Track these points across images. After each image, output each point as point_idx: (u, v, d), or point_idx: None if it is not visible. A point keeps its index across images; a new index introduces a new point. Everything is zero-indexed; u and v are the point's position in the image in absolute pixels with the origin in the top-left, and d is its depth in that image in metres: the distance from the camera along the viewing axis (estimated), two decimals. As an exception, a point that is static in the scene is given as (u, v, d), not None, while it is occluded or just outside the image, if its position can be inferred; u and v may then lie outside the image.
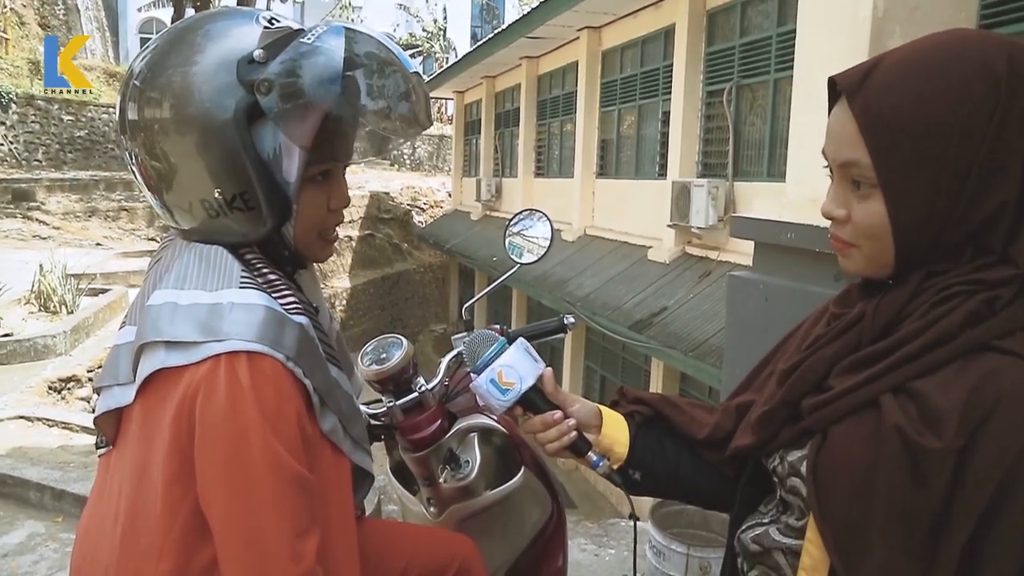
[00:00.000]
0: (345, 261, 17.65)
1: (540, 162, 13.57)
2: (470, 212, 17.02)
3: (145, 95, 0.94)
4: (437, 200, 21.92)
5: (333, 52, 0.92)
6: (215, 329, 0.89)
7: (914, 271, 0.83)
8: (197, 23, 0.98)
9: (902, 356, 0.80)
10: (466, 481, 1.56)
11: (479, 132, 17.01)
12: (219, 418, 0.88)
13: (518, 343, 1.11)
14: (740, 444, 0.97)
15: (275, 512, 0.89)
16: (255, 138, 0.92)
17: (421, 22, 29.88)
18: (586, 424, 1.10)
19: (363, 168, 24.56)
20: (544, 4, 10.52)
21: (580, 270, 10.09)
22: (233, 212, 0.96)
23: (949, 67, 0.79)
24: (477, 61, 14.52)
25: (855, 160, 0.82)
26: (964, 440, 0.73)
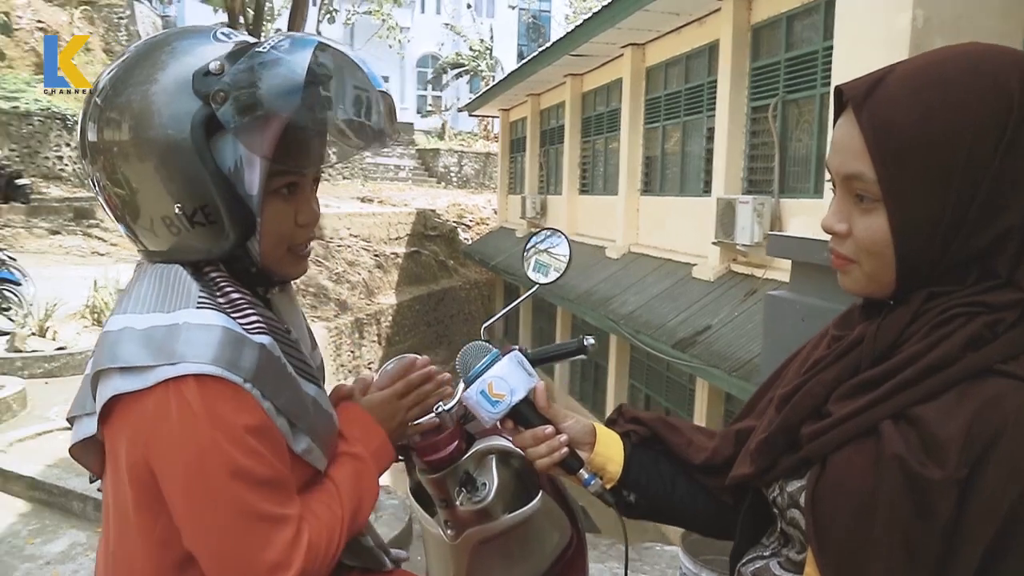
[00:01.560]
0: (391, 278, 17.84)
1: (585, 179, 13.55)
2: (515, 229, 17.06)
3: (105, 114, 0.92)
4: (483, 217, 22.05)
5: (290, 61, 0.90)
6: (168, 352, 0.87)
7: (916, 291, 0.80)
8: (166, 39, 0.97)
9: (902, 381, 0.76)
10: (483, 504, 1.53)
11: (524, 150, 17.07)
12: (175, 447, 0.87)
13: (511, 355, 1.09)
14: (739, 473, 0.94)
15: (247, 533, 0.88)
16: (216, 151, 0.91)
17: (468, 41, 30.23)
18: (579, 441, 1.07)
19: (410, 185, 24.90)
20: (588, 22, 10.55)
21: (624, 287, 10.01)
22: (194, 227, 0.93)
23: (960, 82, 0.76)
24: (522, 79, 14.61)
25: (859, 173, 0.79)
26: (967, 470, 0.70)
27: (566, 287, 11.86)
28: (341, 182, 23.70)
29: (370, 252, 17.80)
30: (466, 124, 30.84)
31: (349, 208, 18.84)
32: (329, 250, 16.73)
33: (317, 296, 15.31)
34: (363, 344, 15.47)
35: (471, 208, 22.40)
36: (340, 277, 16.40)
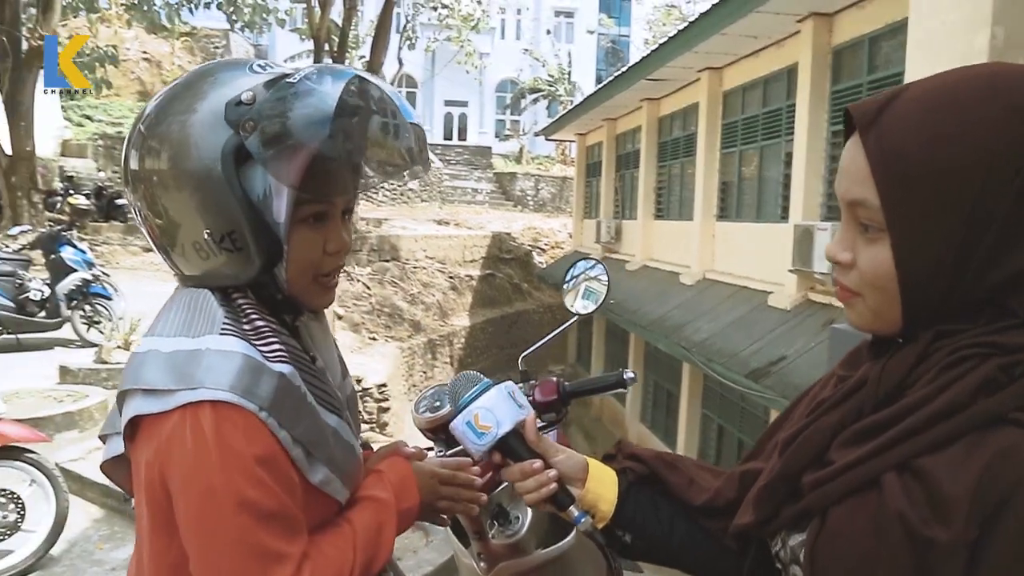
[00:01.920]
0: (465, 300, 17.99)
1: (660, 204, 13.39)
2: (590, 253, 16.98)
3: (147, 142, 0.95)
4: (558, 241, 22.05)
5: (320, 92, 0.90)
6: (189, 377, 0.89)
7: (924, 329, 0.73)
8: (210, 70, 0.99)
9: (907, 428, 0.70)
10: (516, 538, 1.50)
11: (600, 174, 17.02)
12: (187, 473, 0.87)
13: (500, 387, 1.06)
14: (740, 523, 0.87)
15: (244, 566, 0.87)
16: (245, 178, 0.92)
17: (546, 66, 30.48)
18: (570, 477, 1.03)
19: (487, 208, 25.16)
20: (664, 46, 10.48)
21: (698, 314, 9.80)
22: (222, 253, 0.94)
23: (974, 106, 0.69)
24: (598, 104, 14.60)
25: (863, 199, 0.74)
26: (977, 531, 0.63)
27: (639, 313, 11.71)
28: (419, 205, 24.16)
29: (445, 274, 18.01)
30: (544, 148, 31.02)
31: (425, 231, 19.15)
32: (405, 271, 17.02)
33: (392, 316, 15.57)
34: (435, 365, 15.61)
35: (546, 232, 22.44)
36: (415, 298, 16.63)
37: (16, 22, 11.71)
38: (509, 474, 1.03)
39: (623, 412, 14.23)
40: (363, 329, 14.67)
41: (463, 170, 28.64)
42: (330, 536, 0.98)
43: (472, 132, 34.23)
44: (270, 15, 18.22)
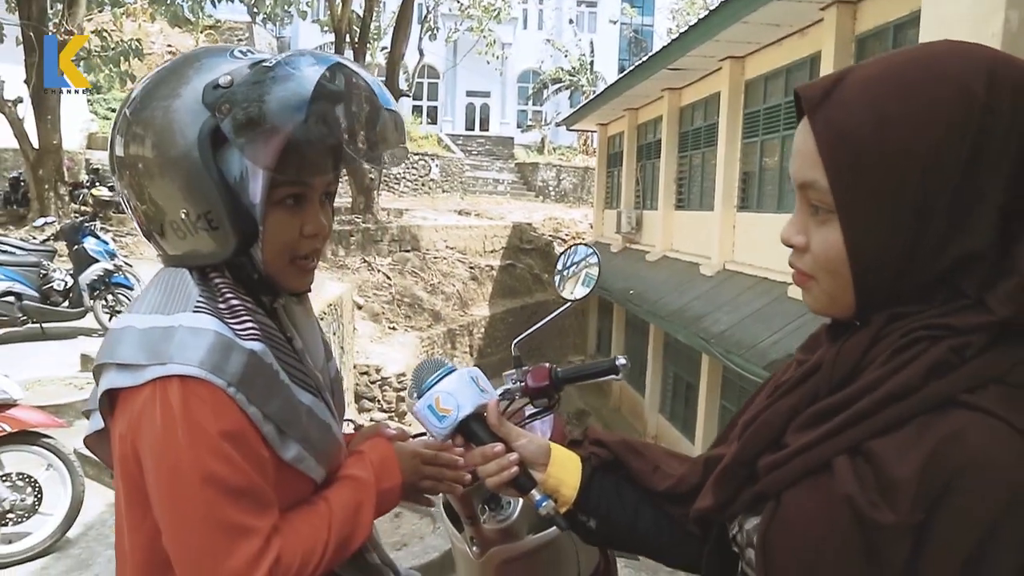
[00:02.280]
0: (485, 290, 18.03)
1: (681, 194, 13.30)
2: (610, 244, 16.92)
3: (131, 128, 0.97)
4: (579, 231, 21.99)
5: (294, 76, 0.92)
6: (160, 352, 0.91)
7: (879, 312, 0.72)
8: (195, 56, 1.01)
9: (858, 411, 0.69)
10: (507, 523, 1.51)
11: (621, 164, 16.94)
12: (155, 447, 0.89)
13: (462, 372, 1.08)
14: (700, 506, 0.87)
15: (210, 540, 0.89)
16: (222, 160, 0.94)
17: (568, 56, 30.34)
18: (532, 461, 1.03)
19: (508, 199, 25.15)
20: (685, 35, 10.39)
21: (717, 306, 9.74)
22: (199, 232, 0.96)
23: (919, 86, 0.68)
24: (619, 93, 14.52)
25: (813, 181, 0.73)
26: (923, 514, 0.63)
27: (659, 304, 11.67)
28: (440, 195, 24.21)
29: (465, 264, 18.06)
30: (566, 138, 30.92)
31: (446, 221, 19.20)
32: (425, 261, 17.09)
33: (412, 306, 15.65)
34: (455, 355, 15.68)
35: (567, 222, 22.38)
36: (435, 288, 16.70)
37: (43, 17, 11.86)
38: (471, 458, 1.04)
39: (642, 403, 14.19)
40: (383, 319, 14.76)
41: (485, 160, 28.65)
42: (304, 513, 0.99)
43: (494, 122, 34.18)
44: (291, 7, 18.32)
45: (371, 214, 17.14)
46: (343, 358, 10.41)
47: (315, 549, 0.97)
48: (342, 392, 1.24)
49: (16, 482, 3.22)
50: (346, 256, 15.47)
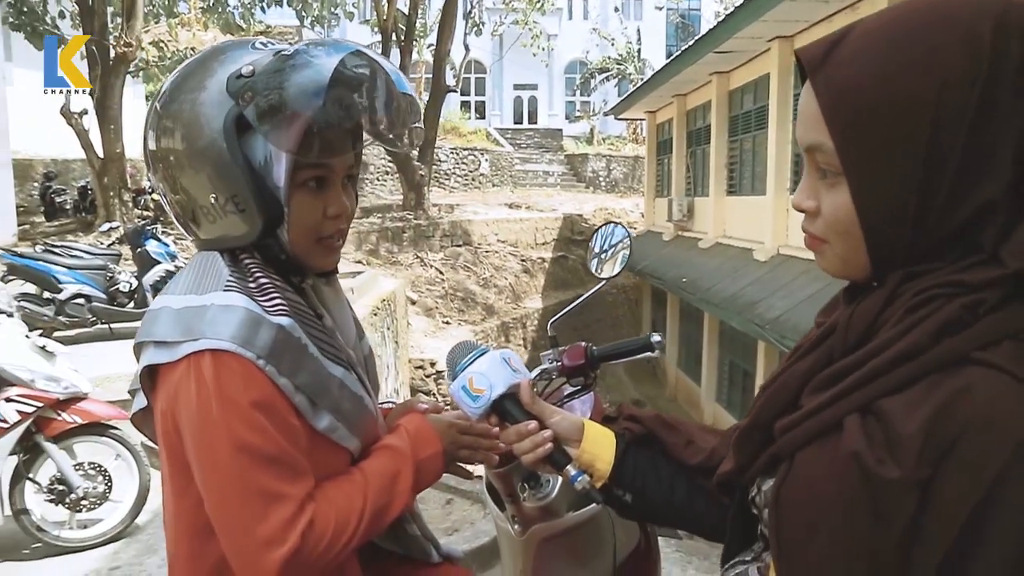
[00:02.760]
0: (537, 282, 18.04)
1: (732, 180, 13.08)
2: (662, 232, 16.76)
3: (161, 121, 1.04)
4: (630, 221, 21.80)
5: (312, 64, 0.97)
6: (193, 329, 0.96)
7: (893, 272, 0.72)
8: (221, 49, 1.07)
9: (870, 371, 0.69)
10: (546, 501, 1.53)
11: (671, 151, 16.74)
12: (191, 417, 0.95)
13: (494, 352, 1.10)
14: (722, 470, 0.88)
15: (244, 506, 0.94)
16: (247, 146, 0.99)
17: (615, 45, 30.05)
18: (566, 438, 1.04)
19: (558, 191, 25.08)
20: (731, 16, 10.21)
21: (771, 291, 9.57)
22: (227, 215, 1.01)
23: (923, 33, 0.67)
24: (667, 79, 14.34)
25: (818, 144, 0.72)
26: (929, 469, 0.62)
27: (712, 291, 11.51)
28: (491, 189, 24.28)
29: (517, 257, 18.09)
30: (615, 128, 30.65)
31: (497, 215, 19.25)
32: (477, 255, 17.18)
33: (465, 300, 15.77)
34: (509, 348, 15.73)
35: (618, 212, 22.22)
36: (487, 282, 16.79)
37: (104, 32, 12.31)
38: (505, 436, 1.06)
39: (698, 392, 14.04)
40: (436, 313, 14.92)
41: (534, 153, 28.60)
42: (339, 482, 1.04)
43: (542, 115, 34.09)
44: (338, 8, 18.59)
45: (422, 210, 17.31)
46: (397, 352, 10.56)
47: (350, 517, 1.01)
48: (375, 369, 1.28)
49: (88, 471, 3.39)
50: (399, 252, 15.67)
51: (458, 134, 25.81)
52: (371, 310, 9.25)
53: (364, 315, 8.81)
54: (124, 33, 11.93)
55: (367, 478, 1.06)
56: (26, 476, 3.26)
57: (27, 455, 3.27)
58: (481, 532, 3.06)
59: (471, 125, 28.61)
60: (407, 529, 1.26)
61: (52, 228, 13.06)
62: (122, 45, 11.72)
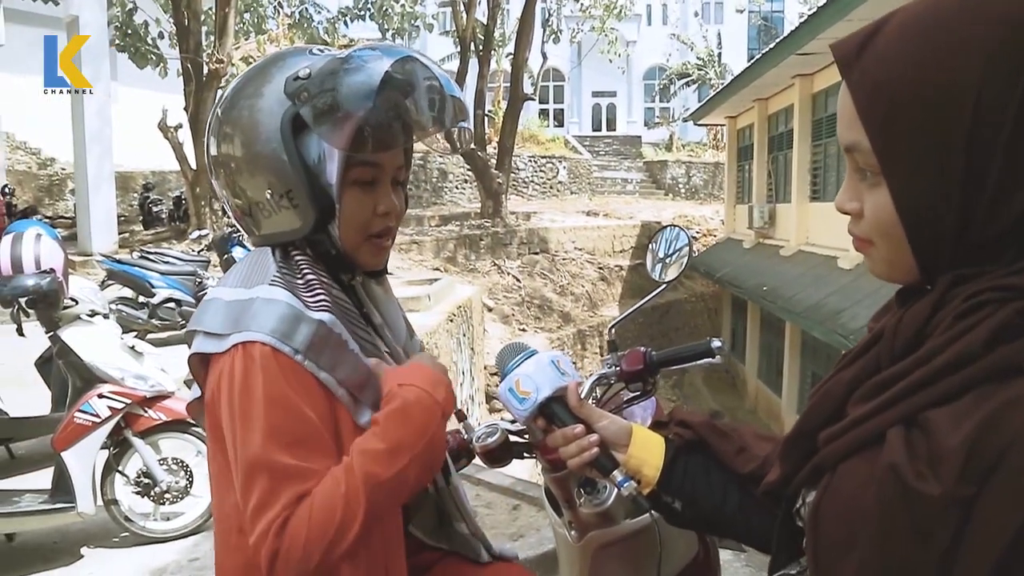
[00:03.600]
0: (615, 290, 17.91)
1: (815, 185, 12.69)
2: (743, 240, 16.40)
3: (222, 127, 1.09)
4: (710, 228, 21.43)
5: (368, 67, 1.01)
6: (239, 322, 1.00)
7: (943, 275, 0.68)
8: (281, 55, 1.12)
9: (916, 381, 0.65)
10: (603, 507, 1.51)
11: (751, 157, 16.38)
12: (230, 401, 0.98)
13: (542, 354, 1.10)
14: (768, 480, 0.85)
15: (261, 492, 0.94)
16: (302, 145, 1.04)
17: (694, 50, 29.62)
18: (614, 443, 1.03)
19: (636, 198, 24.87)
20: (814, 17, 9.95)
21: (855, 300, 9.22)
22: (281, 210, 1.06)
23: (958, 24, 0.63)
24: (747, 84, 14.07)
25: (856, 143, 0.69)
26: (973, 487, 0.58)
27: (793, 300, 11.19)
28: (568, 197, 24.28)
29: (594, 265, 18.02)
30: (695, 134, 30.20)
31: (574, 222, 19.24)
32: (554, 263, 17.19)
33: (541, 308, 15.79)
34: (585, 356, 15.66)
35: (698, 219, 21.86)
36: (564, 290, 16.77)
37: (199, 50, 12.97)
38: (552, 439, 1.05)
39: (779, 404, 13.64)
40: (513, 321, 14.98)
41: (612, 160, 28.47)
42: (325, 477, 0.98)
43: (621, 122, 33.90)
44: (418, 20, 18.99)
45: (500, 218, 17.45)
46: (473, 359, 10.64)
47: (332, 505, 0.95)
48: None
49: (171, 465, 3.54)
50: (476, 260, 15.83)
51: (536, 142, 25.91)
52: (447, 316, 9.36)
53: (440, 321, 8.93)
54: (216, 50, 12.52)
55: (349, 460, 0.98)
56: (116, 469, 3.43)
57: (117, 449, 3.44)
58: (546, 539, 3.04)
59: (549, 133, 28.68)
60: (456, 528, 1.27)
61: (149, 236, 13.80)
62: (214, 62, 12.30)
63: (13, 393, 4.40)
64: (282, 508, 0.94)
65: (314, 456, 0.97)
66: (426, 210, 19.28)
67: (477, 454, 1.46)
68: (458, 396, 9.15)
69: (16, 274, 3.25)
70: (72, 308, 3.37)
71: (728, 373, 17.06)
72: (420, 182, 21.09)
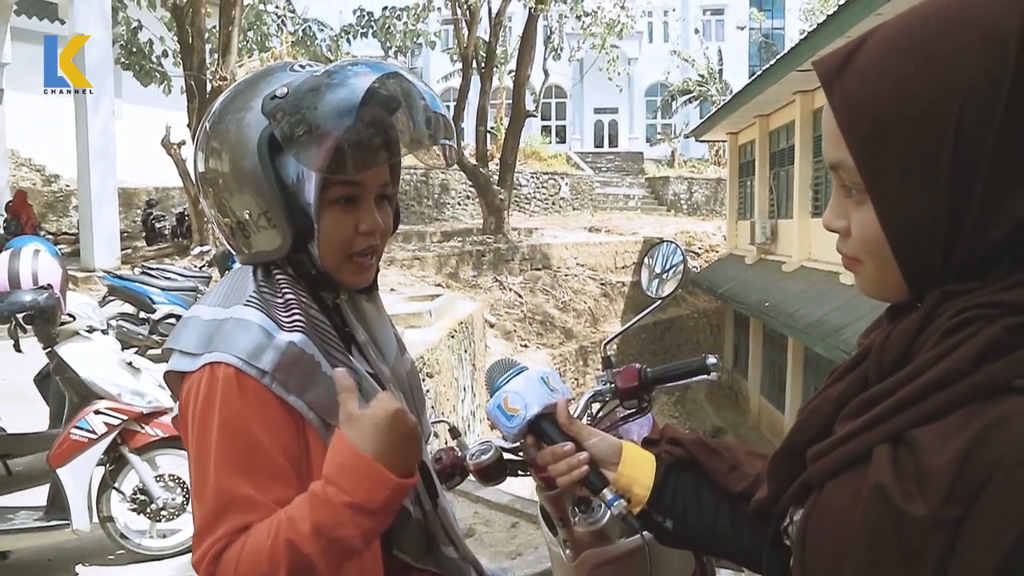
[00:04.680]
0: (617, 306, 17.88)
1: (817, 201, 12.70)
2: (744, 256, 16.40)
3: (209, 143, 1.08)
4: (712, 244, 21.43)
5: (343, 84, 0.99)
6: (211, 342, 0.99)
7: (932, 292, 0.67)
8: (267, 71, 1.11)
9: (903, 398, 0.64)
10: (598, 526, 1.50)
11: (753, 173, 16.42)
12: (194, 420, 0.98)
13: (531, 371, 1.08)
14: (756, 498, 0.84)
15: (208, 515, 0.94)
16: (281, 165, 1.02)
17: (695, 67, 29.75)
18: (604, 460, 1.01)
19: (639, 214, 24.90)
20: (813, 34, 10.01)
21: (858, 316, 9.19)
22: (260, 231, 1.04)
23: (941, 36, 0.62)
24: (748, 100, 14.12)
25: (839, 161, 0.68)
26: (960, 508, 0.57)
27: (795, 316, 11.15)
28: (571, 213, 24.31)
29: (596, 281, 18.01)
30: (696, 151, 30.27)
31: (576, 238, 19.25)
32: (556, 279, 17.19)
33: (543, 324, 15.76)
34: (587, 372, 15.62)
35: (700, 235, 21.87)
36: (566, 306, 16.75)
37: (202, 67, 13.06)
38: (541, 457, 1.03)
39: (782, 420, 13.57)
40: (515, 337, 14.95)
41: (614, 177, 28.54)
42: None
43: (623, 138, 34.00)
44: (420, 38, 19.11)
45: (502, 234, 17.46)
46: (474, 375, 10.62)
47: (260, 552, 0.91)
48: (420, 386, 1.28)
49: (168, 482, 3.52)
50: (478, 276, 15.82)
51: (538, 158, 25.99)
52: (449, 332, 9.34)
53: (441, 337, 8.91)
54: (220, 68, 12.59)
55: (280, 517, 0.94)
56: (112, 485, 3.41)
57: (113, 465, 3.42)
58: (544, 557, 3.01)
59: (551, 149, 28.79)
60: (444, 552, 1.23)
61: (151, 252, 13.81)
62: (218, 79, 12.36)
63: (13, 409, 4.40)
64: (222, 535, 0.92)
65: (265, 485, 0.95)
66: (428, 226, 19.30)
67: (471, 472, 1.45)
68: (458, 413, 9.00)
69: (13, 290, 3.25)
70: (70, 324, 3.37)
71: (731, 389, 17.00)
72: (422, 198, 21.14)
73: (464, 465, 1.45)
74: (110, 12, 12.95)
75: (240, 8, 13.19)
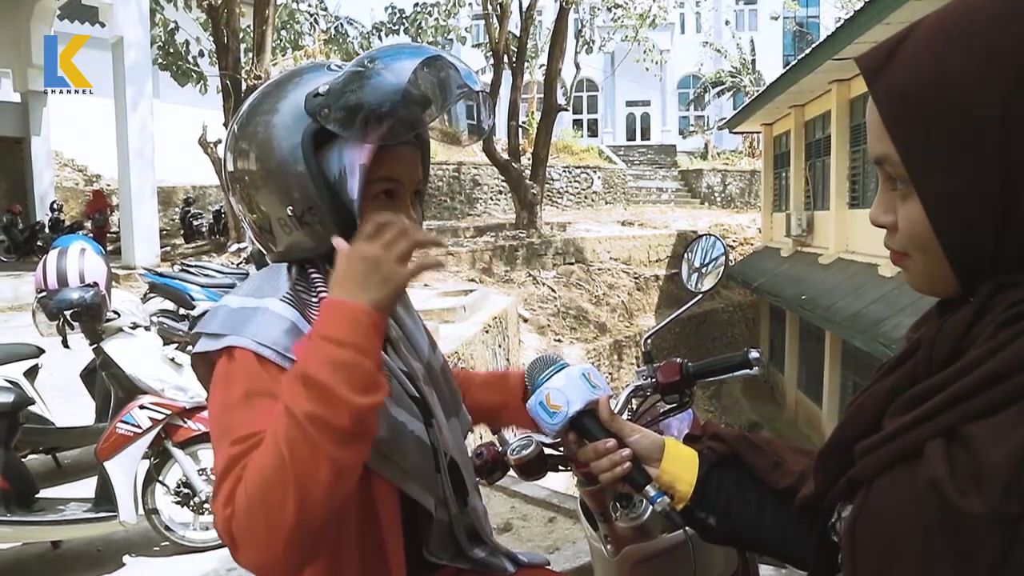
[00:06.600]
0: (651, 300, 17.78)
1: (855, 192, 12.48)
2: (780, 248, 16.18)
3: (238, 143, 1.09)
4: (747, 237, 21.19)
5: (384, 76, 1.00)
6: (240, 327, 1.01)
7: (983, 284, 0.66)
8: (297, 72, 1.12)
9: (956, 393, 0.63)
10: (639, 521, 1.49)
11: (788, 164, 16.18)
12: (215, 393, 0.99)
13: (572, 368, 1.08)
14: (802, 495, 0.83)
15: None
16: (323, 162, 1.03)
17: (728, 58, 29.38)
18: (646, 457, 1.01)
19: (672, 207, 24.71)
20: (851, 21, 9.82)
21: (898, 309, 9.03)
22: (303, 227, 1.05)
23: (988, 28, 0.62)
24: (783, 90, 13.91)
25: (885, 155, 0.68)
26: (1018, 505, 0.56)
27: (833, 309, 10.99)
28: (603, 207, 24.21)
29: (630, 274, 17.92)
30: (730, 142, 29.93)
31: (609, 232, 19.16)
32: (589, 273, 17.13)
33: (577, 318, 15.72)
34: (621, 367, 15.56)
35: (734, 228, 21.63)
36: (600, 300, 16.69)
37: (237, 66, 13.25)
38: (583, 453, 1.03)
39: (819, 414, 13.39)
40: (548, 331, 14.94)
41: (647, 170, 28.34)
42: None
43: (655, 131, 33.75)
44: (451, 34, 19.15)
45: (535, 229, 17.46)
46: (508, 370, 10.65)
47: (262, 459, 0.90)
48: (453, 382, 1.28)
49: (211, 476, 3.58)
50: (512, 271, 15.84)
51: (570, 152, 25.91)
52: (483, 327, 9.37)
53: (475, 332, 8.95)
54: (254, 67, 12.76)
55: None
56: (156, 478, 3.48)
57: (157, 459, 3.49)
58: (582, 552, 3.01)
59: (583, 143, 28.67)
60: (470, 555, 1.23)
61: (190, 249, 14.08)
62: (252, 78, 12.53)
63: (61, 403, 4.52)
64: (232, 477, 0.90)
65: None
66: (461, 221, 19.35)
67: (512, 467, 1.45)
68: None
69: (61, 288, 3.33)
70: (114, 321, 3.44)
71: (767, 383, 16.80)
72: (454, 193, 21.19)
73: (505, 460, 1.46)
74: (148, 14, 13.21)
75: (274, 7, 13.37)
